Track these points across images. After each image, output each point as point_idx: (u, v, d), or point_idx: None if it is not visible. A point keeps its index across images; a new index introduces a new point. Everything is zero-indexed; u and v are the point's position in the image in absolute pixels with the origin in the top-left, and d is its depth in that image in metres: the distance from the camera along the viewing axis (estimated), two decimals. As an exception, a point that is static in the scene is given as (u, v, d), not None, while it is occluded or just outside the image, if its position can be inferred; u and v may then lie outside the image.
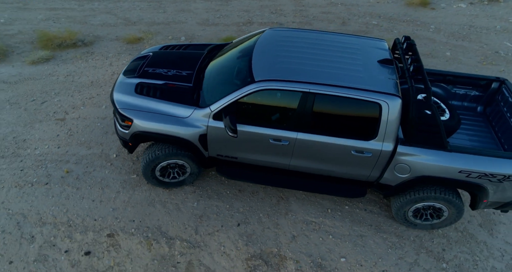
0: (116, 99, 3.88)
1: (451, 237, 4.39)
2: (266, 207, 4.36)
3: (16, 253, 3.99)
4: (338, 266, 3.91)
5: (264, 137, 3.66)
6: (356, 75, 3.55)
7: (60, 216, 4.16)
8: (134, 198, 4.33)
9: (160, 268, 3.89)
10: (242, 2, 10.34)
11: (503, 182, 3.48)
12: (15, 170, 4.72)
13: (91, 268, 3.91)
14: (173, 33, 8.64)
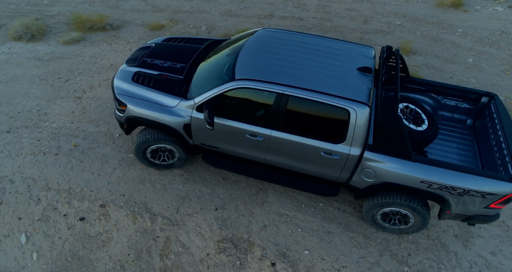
0: (115, 85, 4.27)
1: (420, 243, 4.46)
2: (245, 196, 4.64)
3: (25, 211, 4.57)
4: (301, 258, 4.14)
5: (241, 131, 3.90)
6: (331, 81, 3.67)
7: (63, 184, 4.68)
8: (128, 175, 4.77)
9: (142, 239, 4.32)
10: (271, -7, 10.37)
11: (463, 195, 3.51)
12: (33, 140, 5.31)
13: (84, 232, 4.42)
14: (195, 22, 8.93)
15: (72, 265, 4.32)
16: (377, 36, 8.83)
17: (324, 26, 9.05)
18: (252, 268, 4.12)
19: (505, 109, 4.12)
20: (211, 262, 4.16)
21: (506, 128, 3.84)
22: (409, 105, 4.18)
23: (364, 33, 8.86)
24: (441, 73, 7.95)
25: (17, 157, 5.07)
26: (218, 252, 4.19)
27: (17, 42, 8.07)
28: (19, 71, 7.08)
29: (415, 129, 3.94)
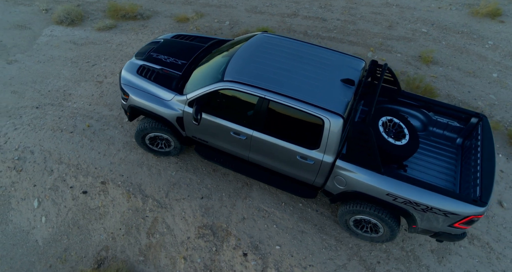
0: (122, 75, 4.66)
1: (393, 253, 4.54)
2: (230, 189, 4.92)
3: (39, 179, 5.15)
4: (272, 252, 4.38)
5: (227, 129, 4.15)
6: (313, 89, 3.80)
7: (73, 160, 5.21)
8: (129, 157, 5.20)
9: (133, 217, 4.76)
10: (296, -8, 10.37)
11: (427, 212, 3.55)
12: (55, 117, 5.89)
13: (85, 204, 4.93)
14: (220, 16, 9.19)
15: (72, 231, 4.85)
16: (399, 43, 8.63)
17: (346, 28, 8.98)
18: (226, 255, 4.42)
19: (490, 133, 4.05)
20: (190, 245, 4.51)
21: (485, 151, 3.80)
22: (393, 119, 4.21)
23: (386, 39, 8.70)
24: (459, 86, 7.69)
25: (40, 131, 5.66)
26: (198, 237, 4.53)
27: (58, 26, 8.76)
28: (56, 53, 7.74)
29: (393, 143, 3.98)
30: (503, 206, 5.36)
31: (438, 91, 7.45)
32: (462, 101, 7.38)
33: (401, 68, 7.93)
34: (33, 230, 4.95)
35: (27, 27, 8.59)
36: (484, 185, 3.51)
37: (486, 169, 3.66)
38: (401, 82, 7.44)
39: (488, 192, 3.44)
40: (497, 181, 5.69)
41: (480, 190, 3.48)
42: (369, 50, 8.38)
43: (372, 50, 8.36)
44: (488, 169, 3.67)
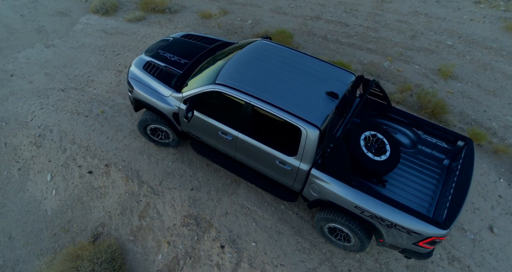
0: (130, 69, 5.01)
1: (366, 264, 4.61)
2: (219, 184, 5.18)
3: (54, 156, 5.69)
4: (247, 247, 4.61)
5: (216, 128, 4.39)
6: (297, 99, 3.92)
7: (84, 141, 5.69)
8: (132, 144, 5.60)
9: (128, 199, 5.16)
10: (323, -5, 10.31)
11: (391, 228, 3.61)
12: (75, 101, 6.41)
13: (89, 182, 5.40)
14: (244, 15, 9.37)
15: (76, 206, 5.35)
16: (420, 54, 8.41)
17: (367, 35, 8.86)
18: (205, 245, 4.71)
19: (473, 158, 3.98)
20: (175, 232, 4.84)
21: (462, 175, 3.77)
22: (376, 135, 4.24)
23: (406, 49, 8.50)
24: (476, 104, 7.42)
25: (61, 112, 6.21)
26: (183, 225, 4.84)
27: (94, 15, 9.35)
28: (88, 40, 8.31)
29: (371, 158, 4.03)
30: (493, 232, 5.23)
31: (450, 108, 7.24)
32: (475, 120, 7.13)
33: (417, 80, 7.75)
34: (44, 201, 5.50)
35: (67, 15, 9.24)
36: (451, 208, 3.50)
37: (457, 193, 3.64)
38: (413, 96, 7.30)
39: (454, 215, 3.44)
40: (493, 206, 5.54)
41: (446, 213, 3.48)
42: (387, 59, 8.24)
43: (389, 60, 8.21)
44: (460, 193, 3.65)
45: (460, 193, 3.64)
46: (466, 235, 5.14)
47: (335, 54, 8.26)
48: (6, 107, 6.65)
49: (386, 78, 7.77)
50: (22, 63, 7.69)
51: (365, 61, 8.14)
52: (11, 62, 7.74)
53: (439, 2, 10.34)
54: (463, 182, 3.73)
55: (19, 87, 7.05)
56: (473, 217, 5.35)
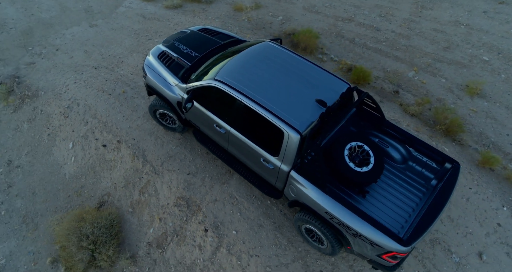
0: (147, 57, 5.36)
1: (339, 268, 4.71)
2: (214, 172, 5.46)
3: (77, 127, 6.28)
4: (228, 234, 4.88)
5: (211, 121, 4.63)
6: (287, 103, 4.02)
7: (103, 117, 6.21)
8: (144, 126, 6.03)
9: (132, 175, 5.61)
10: (360, -3, 10.02)
11: (356, 237, 3.67)
12: (103, 79, 6.95)
13: (102, 155, 5.92)
14: (275, 11, 9.42)
15: (89, 174, 5.91)
16: (449, 68, 8.02)
17: (397, 43, 8.57)
18: (192, 226, 5.05)
19: (455, 181, 3.89)
20: (167, 210, 5.23)
21: (439, 196, 3.72)
22: (363, 146, 4.24)
23: (436, 61, 8.14)
24: (499, 127, 7.03)
25: (89, 88, 6.78)
26: (175, 205, 5.21)
27: (137, -1, 9.84)
28: (126, 23, 8.85)
29: (352, 168, 4.07)
30: (482, 259, 5.06)
31: (469, 127, 6.91)
32: (494, 143, 6.77)
33: (440, 94, 7.45)
34: (64, 165, 6.13)
35: (113, -3, 9.82)
36: (417, 227, 3.50)
37: (429, 214, 3.61)
38: (431, 110, 7.03)
39: (417, 235, 3.43)
40: (488, 233, 5.33)
41: (412, 231, 3.49)
42: (413, 69, 7.97)
43: (415, 70, 7.93)
44: (431, 214, 3.61)
45: (431, 214, 3.60)
46: (451, 257, 5.03)
47: (359, 59, 8.11)
48: (48, 78, 7.37)
49: (407, 89, 7.53)
50: (67, 39, 8.39)
51: (389, 69, 7.92)
52: (59, 38, 8.47)
53: (486, 13, 9.66)
54: (438, 204, 3.68)
55: (61, 61, 7.74)
56: (464, 241, 5.20)
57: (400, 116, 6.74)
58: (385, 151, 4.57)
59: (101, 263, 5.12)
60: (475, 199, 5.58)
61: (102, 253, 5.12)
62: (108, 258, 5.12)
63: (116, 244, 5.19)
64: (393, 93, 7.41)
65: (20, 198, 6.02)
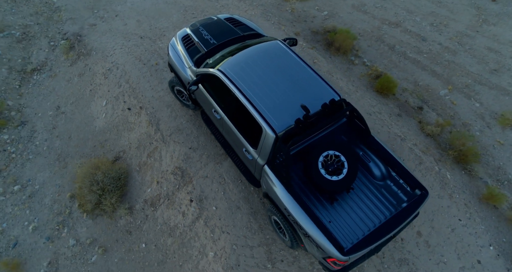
0: (173, 38, 5.80)
1: (300, 262, 4.98)
2: (212, 152, 5.89)
3: (112, 88, 7.03)
4: (208, 209, 5.35)
5: (211, 106, 4.99)
6: (274, 103, 4.21)
7: (135, 83, 6.88)
8: (164, 98, 6.58)
9: (144, 139, 6.26)
10: (419, 1, 9.40)
11: (306, 237, 3.90)
12: (144, 49, 7.59)
13: (126, 117, 6.64)
14: (323, 5, 9.25)
15: (113, 131, 6.69)
16: (489, 93, 7.42)
17: (440, 56, 8.05)
18: (181, 194, 5.60)
19: (416, 209, 3.86)
20: (165, 176, 5.82)
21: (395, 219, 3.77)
22: (340, 156, 4.31)
23: (477, 83, 7.56)
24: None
25: (130, 55, 7.47)
26: (172, 173, 5.78)
27: (196, -25, 10.22)
28: (180, -1, 9.33)
29: (322, 175, 4.21)
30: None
31: (487, 159, 6.49)
32: (510, 181, 6.31)
33: (468, 119, 7.01)
34: (96, 119, 6.99)
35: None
36: (362, 242, 3.61)
37: (377, 233, 3.68)
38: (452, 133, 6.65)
39: (358, 249, 3.55)
40: (464, 267, 5.19)
41: (355, 244, 3.61)
42: (447, 87, 7.51)
43: (449, 89, 7.47)
44: (379, 233, 3.69)
45: (379, 234, 3.67)
46: (415, 280, 5.02)
47: (393, 67, 7.81)
48: (102, 40, 8.21)
49: (433, 107, 7.18)
50: (127, 7, 9.14)
51: (421, 83, 7.55)
52: (121, 5, 9.25)
53: (558, 39, 8.56)
54: (389, 226, 3.72)
55: (116, 27, 8.53)
56: (434, 268, 5.13)
57: (413, 133, 6.51)
58: (366, 165, 4.59)
59: (105, 207, 5.93)
60: (461, 232, 5.38)
61: (107, 199, 5.92)
62: (111, 204, 5.91)
63: (120, 195, 5.94)
64: (416, 109, 7.11)
65: (59, 139, 7.03)
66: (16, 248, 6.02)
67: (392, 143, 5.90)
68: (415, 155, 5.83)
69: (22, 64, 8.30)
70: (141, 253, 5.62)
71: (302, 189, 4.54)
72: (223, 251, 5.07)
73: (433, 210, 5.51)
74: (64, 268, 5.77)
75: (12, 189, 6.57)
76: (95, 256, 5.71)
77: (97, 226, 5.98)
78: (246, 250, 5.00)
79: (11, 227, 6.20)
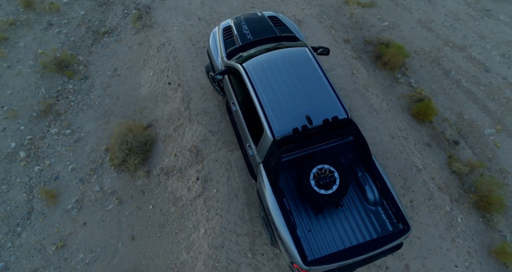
0: (216, 27, 6.09)
1: (280, 260, 5.16)
2: (229, 139, 6.18)
3: (160, 61, 7.63)
4: (210, 190, 5.73)
5: (231, 97, 5.26)
6: (281, 108, 4.33)
7: (179, 61, 7.38)
8: (201, 80, 6.98)
9: (175, 113, 6.77)
10: (498, 27, 8.50)
11: (279, 239, 4.07)
12: (197, 30, 8.03)
13: (165, 90, 7.20)
14: (386, 14, 8.81)
15: (152, 100, 7.33)
16: (542, 142, 6.64)
17: (499, 92, 7.34)
18: (191, 171, 6.05)
19: (390, 242, 3.78)
20: (182, 151, 6.31)
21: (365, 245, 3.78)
22: (334, 173, 4.32)
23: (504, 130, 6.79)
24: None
25: (184, 34, 7.97)
26: (188, 150, 6.24)
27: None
28: (247, -14, 9.54)
29: (311, 186, 4.28)
30: None
31: (513, 212, 5.93)
32: (533, 240, 5.74)
33: (508, 167, 6.44)
34: (142, 87, 7.69)
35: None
36: (326, 257, 3.69)
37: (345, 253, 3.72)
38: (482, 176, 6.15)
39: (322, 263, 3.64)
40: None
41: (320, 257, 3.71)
42: (495, 127, 6.88)
43: (497, 129, 6.84)
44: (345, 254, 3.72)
45: (347, 254, 3.71)
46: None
47: (440, 94, 7.32)
48: (165, 15, 8.84)
49: (471, 145, 6.66)
50: (198, -13, 9.56)
51: (466, 117, 7.00)
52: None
53: None
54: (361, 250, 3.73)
55: (182, 5, 9.08)
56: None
57: (437, 167, 6.15)
58: (362, 187, 4.55)
59: (128, 166, 6.64)
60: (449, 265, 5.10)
61: (131, 159, 6.61)
62: (133, 164, 6.60)
63: (142, 158, 6.59)
64: (451, 142, 6.65)
65: (109, 98, 7.88)
66: (56, 181, 7.02)
67: (405, 171, 5.66)
68: (427, 189, 5.55)
69: (97, 26, 9.29)
70: (147, 213, 6.25)
71: (293, 195, 4.67)
72: (212, 230, 5.45)
73: (430, 248, 5.27)
74: (87, 208, 6.64)
75: (64, 131, 7.58)
76: (111, 205, 6.48)
77: (119, 180, 6.73)
78: (233, 236, 5.31)
79: (56, 163, 7.22)
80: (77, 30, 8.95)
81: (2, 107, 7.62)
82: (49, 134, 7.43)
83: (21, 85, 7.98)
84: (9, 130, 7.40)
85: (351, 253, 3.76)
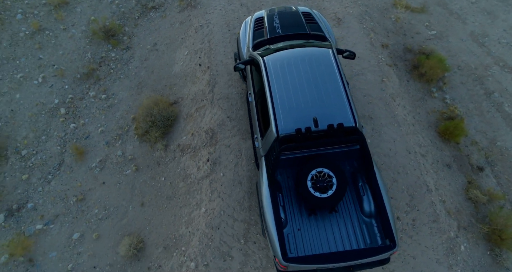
0: (249, 17, 6.08)
1: (270, 253, 5.29)
2: (243, 127, 6.25)
3: (195, 42, 7.81)
4: (217, 172, 5.92)
5: (250, 87, 5.31)
6: (291, 106, 4.32)
7: (213, 45, 7.49)
8: (229, 66, 7.06)
9: (199, 94, 6.96)
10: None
11: (266, 231, 4.16)
12: (236, 16, 8.04)
13: (195, 71, 7.39)
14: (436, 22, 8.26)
15: (182, 79, 7.57)
16: None
17: None
18: (204, 152, 6.26)
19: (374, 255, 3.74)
20: (199, 132, 6.52)
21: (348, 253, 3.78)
22: (333, 178, 4.28)
23: None
24: None
25: (222, 18, 8.05)
26: (205, 132, 6.44)
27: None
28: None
29: (307, 187, 4.28)
30: None
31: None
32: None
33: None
34: (176, 64, 7.96)
35: None
36: (306, 258, 3.74)
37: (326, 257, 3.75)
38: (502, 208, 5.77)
39: (301, 262, 3.70)
40: None
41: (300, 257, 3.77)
42: (528, 159, 6.35)
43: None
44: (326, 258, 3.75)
45: (328, 259, 3.73)
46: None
47: (476, 115, 6.85)
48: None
49: (497, 174, 6.24)
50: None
51: (499, 143, 6.53)
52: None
53: None
54: (342, 257, 3.74)
55: (229, -12, 9.08)
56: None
57: (452, 191, 5.84)
58: (360, 196, 4.48)
59: (150, 137, 7.00)
60: None
61: (153, 131, 6.96)
62: (154, 137, 6.95)
63: (163, 132, 6.92)
64: (475, 168, 6.26)
65: (145, 70, 8.25)
66: (86, 140, 7.59)
67: (414, 189, 5.44)
68: (433, 211, 5.31)
69: (147, 0, 9.63)
70: (159, 184, 6.61)
71: (291, 192, 4.71)
72: (212, 211, 5.67)
73: (424, 271, 5.11)
74: (107, 170, 7.14)
75: (100, 96, 8.09)
76: (129, 171, 6.92)
77: (140, 149, 7.13)
78: (230, 220, 5.50)
79: (89, 123, 7.77)
80: (128, 2, 9.35)
81: (53, 65, 8.27)
82: (87, 97, 7.98)
83: (72, 47, 8.57)
84: (55, 88, 8.03)
85: (332, 258, 3.77)
